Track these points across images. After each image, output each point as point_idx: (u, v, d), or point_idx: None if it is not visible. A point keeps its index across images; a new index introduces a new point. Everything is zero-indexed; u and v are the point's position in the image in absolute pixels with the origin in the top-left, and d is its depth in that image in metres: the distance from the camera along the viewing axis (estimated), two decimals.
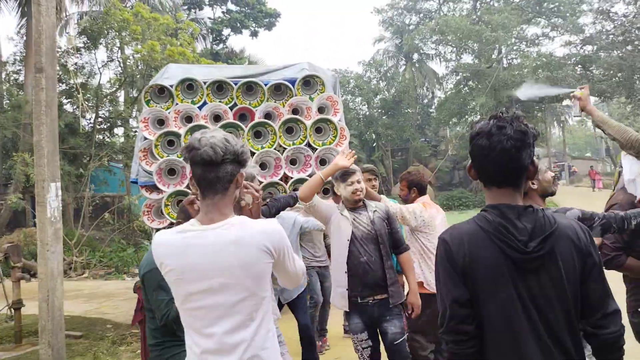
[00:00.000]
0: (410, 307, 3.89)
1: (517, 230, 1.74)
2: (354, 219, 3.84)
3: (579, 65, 28.11)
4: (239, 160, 2.01)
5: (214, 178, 1.97)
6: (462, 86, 33.58)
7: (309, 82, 6.88)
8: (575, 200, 25.65)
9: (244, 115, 6.71)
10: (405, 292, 4.01)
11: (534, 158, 1.84)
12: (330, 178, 4.00)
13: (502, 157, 1.76)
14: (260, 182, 4.72)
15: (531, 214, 1.78)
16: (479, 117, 32.94)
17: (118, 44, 17.70)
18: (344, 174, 3.87)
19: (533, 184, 2.91)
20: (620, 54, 24.92)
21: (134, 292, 4.99)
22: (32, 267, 10.16)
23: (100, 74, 18.58)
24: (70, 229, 14.48)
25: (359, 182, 3.87)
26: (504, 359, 1.74)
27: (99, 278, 12.52)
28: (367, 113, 34.45)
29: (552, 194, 3.10)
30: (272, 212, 3.80)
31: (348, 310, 3.81)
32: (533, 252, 1.72)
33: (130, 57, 17.54)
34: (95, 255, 14.05)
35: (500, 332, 1.74)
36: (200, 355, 1.97)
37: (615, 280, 2.41)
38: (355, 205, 3.89)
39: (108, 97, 18.91)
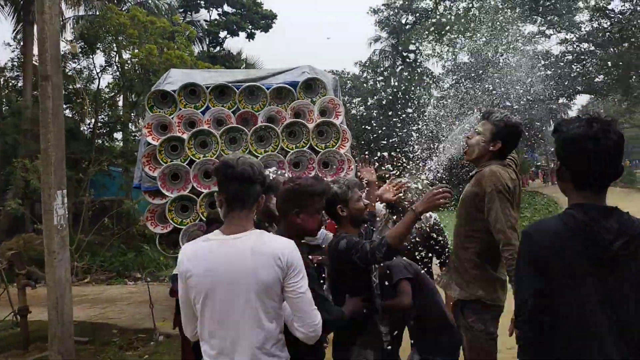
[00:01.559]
0: None
1: (604, 229, 1.77)
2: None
3: (575, 63, 28.17)
4: (263, 182, 2.27)
5: (247, 194, 2.20)
6: (459, 85, 33.58)
7: (311, 86, 6.91)
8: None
9: (246, 120, 6.74)
10: None
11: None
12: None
13: (608, 161, 1.81)
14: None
15: (617, 215, 1.82)
16: (477, 115, 32.94)
17: (115, 48, 17.67)
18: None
19: (343, 211, 3.05)
20: (616, 51, 24.98)
21: (171, 296, 5.03)
22: (34, 274, 10.13)
23: (99, 78, 18.56)
24: (70, 234, 14.44)
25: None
26: (577, 354, 1.77)
27: (101, 283, 12.51)
28: (365, 114, 34.44)
29: (364, 221, 3.21)
30: None
31: None
32: (618, 251, 1.74)
33: (128, 62, 17.53)
34: (95, 260, 14.04)
35: (577, 326, 1.78)
36: (215, 358, 2.15)
37: None
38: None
39: (107, 101, 18.88)
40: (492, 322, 3.07)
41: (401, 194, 3.94)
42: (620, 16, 25.33)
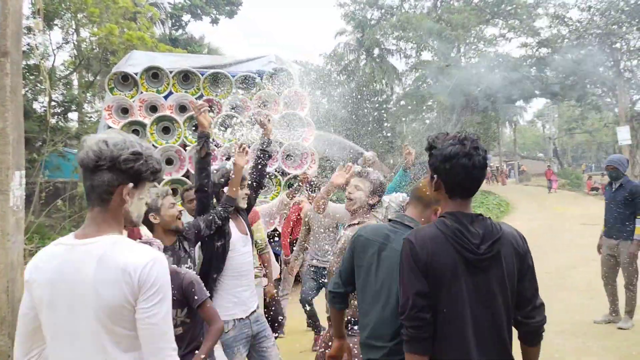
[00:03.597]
0: None
1: (471, 234, 2.05)
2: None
3: (534, 67, 28.92)
4: (120, 169, 1.70)
5: (88, 187, 1.72)
6: (420, 83, 34.02)
7: (277, 75, 6.89)
8: (529, 200, 26.47)
9: (210, 107, 6.67)
10: None
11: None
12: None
13: (479, 173, 2.10)
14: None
15: (482, 221, 2.11)
16: (435, 114, 33.51)
17: (74, 26, 17.14)
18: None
19: (155, 218, 3.27)
20: (573, 58, 25.75)
21: None
22: None
23: (55, 56, 17.95)
24: None
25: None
26: (449, 343, 2.04)
27: None
28: (327, 106, 34.48)
29: (177, 230, 3.41)
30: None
31: None
32: (484, 253, 2.02)
33: (87, 40, 17.04)
34: (45, 243, 13.62)
35: (450, 320, 2.03)
36: None
37: None
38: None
39: (62, 80, 18.30)
40: None
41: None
42: (578, 24, 26.12)
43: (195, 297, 2.82)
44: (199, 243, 3.74)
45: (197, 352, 2.76)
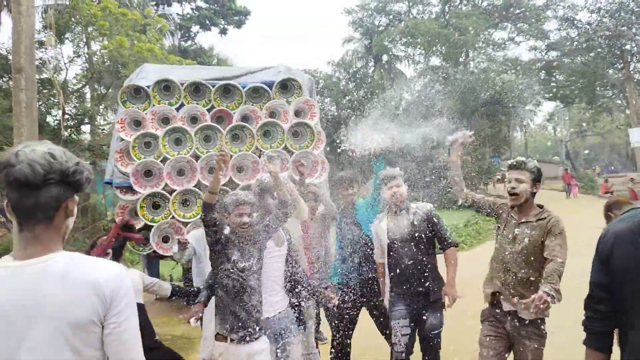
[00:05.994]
0: (447, 298, 4.17)
1: None
2: (394, 224, 4.18)
3: (544, 71, 28.82)
4: (68, 182, 1.59)
5: (32, 204, 1.54)
6: (429, 88, 34.00)
7: (286, 86, 6.92)
8: (545, 204, 25.97)
9: (221, 118, 6.72)
10: None
11: None
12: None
13: None
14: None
15: None
16: (445, 119, 33.47)
17: (85, 39, 17.36)
18: (385, 178, 4.22)
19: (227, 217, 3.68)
20: (583, 61, 25.64)
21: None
22: None
23: (67, 69, 18.16)
24: None
25: (397, 186, 4.19)
26: (632, 337, 1.94)
27: None
28: (336, 114, 34.57)
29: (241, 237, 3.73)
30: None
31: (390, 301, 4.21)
32: None
33: (98, 53, 17.23)
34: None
35: (634, 320, 1.92)
36: None
37: None
38: (395, 207, 4.22)
39: (74, 93, 18.49)
40: None
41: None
42: (588, 26, 26.01)
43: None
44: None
45: None
